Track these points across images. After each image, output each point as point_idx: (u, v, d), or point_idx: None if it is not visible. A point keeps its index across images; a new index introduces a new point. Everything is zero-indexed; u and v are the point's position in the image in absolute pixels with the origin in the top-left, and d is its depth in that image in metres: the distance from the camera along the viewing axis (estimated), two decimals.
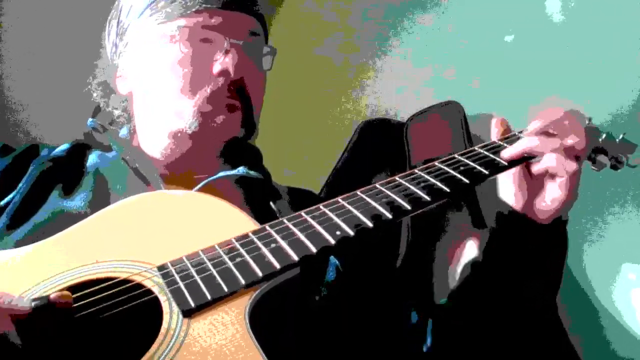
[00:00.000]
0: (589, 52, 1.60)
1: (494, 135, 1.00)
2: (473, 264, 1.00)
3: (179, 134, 1.05)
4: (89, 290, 0.73)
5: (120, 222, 0.87)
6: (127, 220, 0.87)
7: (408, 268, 1.45)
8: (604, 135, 1.05)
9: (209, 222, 0.85)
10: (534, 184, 0.95)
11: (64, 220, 0.92)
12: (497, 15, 1.81)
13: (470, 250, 1.16)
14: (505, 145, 0.96)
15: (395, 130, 1.81)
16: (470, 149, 0.97)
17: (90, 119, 1.14)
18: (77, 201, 0.99)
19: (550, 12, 1.71)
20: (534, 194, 0.94)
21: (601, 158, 1.06)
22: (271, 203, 1.03)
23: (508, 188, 0.98)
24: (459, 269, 1.03)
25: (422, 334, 1.01)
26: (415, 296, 1.11)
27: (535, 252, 0.95)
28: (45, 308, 0.68)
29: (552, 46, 1.68)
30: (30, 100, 1.75)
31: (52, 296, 0.69)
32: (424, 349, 1.00)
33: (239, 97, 1.05)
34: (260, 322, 0.70)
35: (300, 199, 1.12)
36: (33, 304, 0.67)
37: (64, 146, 1.12)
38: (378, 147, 1.80)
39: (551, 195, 0.92)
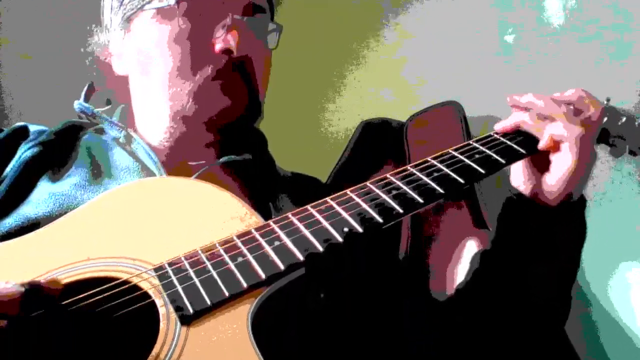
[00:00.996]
0: (591, 49, 1.56)
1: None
2: (481, 256, 0.96)
3: (179, 116, 0.99)
4: (82, 295, 0.68)
5: (114, 212, 0.82)
6: (122, 211, 0.82)
7: (409, 266, 1.42)
8: (623, 119, 1.00)
9: (209, 213, 0.80)
10: (542, 166, 0.90)
11: (54, 206, 0.88)
12: (497, 14, 1.76)
13: (470, 250, 1.13)
14: (501, 139, 0.91)
15: (395, 130, 1.78)
16: (486, 134, 0.92)
17: (77, 102, 1.07)
18: (67, 185, 0.93)
19: (550, 12, 1.66)
20: (542, 175, 0.90)
21: (619, 143, 1.01)
22: (270, 204, 0.98)
23: (518, 173, 0.93)
24: (460, 269, 0.99)
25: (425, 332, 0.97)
26: (415, 294, 1.07)
27: (544, 235, 0.90)
28: (35, 293, 0.63)
29: (553, 45, 1.63)
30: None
31: (42, 281, 0.65)
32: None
33: (242, 76, 0.98)
34: (263, 327, 0.66)
35: (305, 186, 1.07)
36: (23, 288, 0.62)
37: (56, 126, 1.06)
38: (378, 147, 1.77)
39: (558, 172, 0.87)
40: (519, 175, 0.93)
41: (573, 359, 1.28)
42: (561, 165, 0.86)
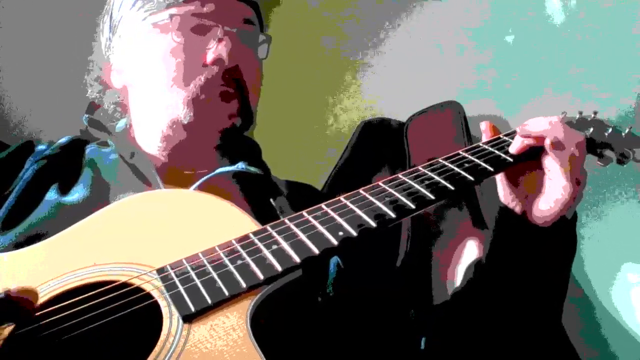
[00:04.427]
0: (591, 49, 1.58)
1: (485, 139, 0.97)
2: (475, 267, 0.98)
3: (174, 125, 1.03)
4: (87, 294, 0.72)
5: (118, 222, 0.85)
6: (126, 221, 0.85)
7: (408, 268, 1.43)
8: (610, 129, 1.03)
9: (208, 222, 0.84)
10: (527, 185, 0.91)
11: (61, 217, 0.91)
12: (497, 14, 1.79)
13: (471, 250, 1.14)
14: (509, 140, 0.94)
15: (395, 130, 1.80)
16: (474, 145, 0.95)
17: (85, 115, 1.13)
18: (74, 197, 0.97)
19: (550, 11, 1.69)
20: (529, 195, 0.91)
21: (607, 152, 1.04)
22: (271, 200, 1.02)
23: (503, 189, 0.95)
24: (460, 269, 1.00)
25: (420, 332, 0.99)
26: (415, 296, 1.09)
27: (536, 255, 0.91)
28: (3, 302, 0.66)
29: (553, 45, 1.66)
30: (25, 96, 1.73)
31: (12, 289, 0.67)
32: (421, 346, 0.98)
33: (234, 86, 1.03)
34: (262, 326, 0.69)
35: (300, 193, 1.11)
36: None
37: (60, 141, 1.10)
38: (378, 147, 1.79)
39: (551, 196, 0.88)
40: (506, 192, 0.94)
41: (573, 359, 1.29)
42: (555, 190, 0.87)
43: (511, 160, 0.90)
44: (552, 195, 0.88)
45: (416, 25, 1.99)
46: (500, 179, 0.94)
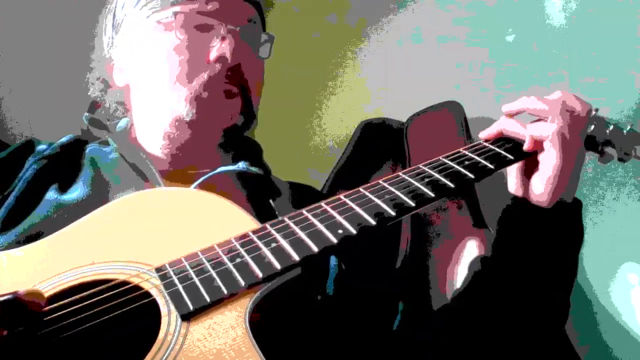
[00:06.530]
0: (591, 48, 1.57)
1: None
2: (482, 260, 0.97)
3: (177, 122, 1.03)
4: (85, 293, 0.71)
5: (117, 221, 0.85)
6: (125, 219, 0.85)
7: (408, 268, 1.43)
8: (611, 127, 1.03)
9: (208, 220, 0.83)
10: (532, 169, 0.91)
11: (61, 217, 0.91)
12: (498, 13, 1.79)
13: (471, 250, 1.13)
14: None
15: (395, 130, 1.80)
16: (475, 143, 0.95)
17: (85, 114, 1.13)
18: (74, 196, 0.97)
19: (550, 10, 1.69)
20: (532, 178, 0.91)
21: (608, 150, 1.04)
22: (271, 201, 1.01)
23: (511, 179, 0.95)
24: (460, 269, 1.00)
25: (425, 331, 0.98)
26: (414, 296, 1.09)
27: (540, 238, 0.91)
28: (12, 304, 0.64)
29: (554, 43, 1.65)
30: (26, 96, 1.73)
31: (20, 292, 0.65)
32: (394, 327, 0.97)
33: (236, 84, 1.04)
34: (261, 324, 0.68)
35: (301, 194, 1.10)
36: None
37: (61, 141, 1.10)
38: (378, 147, 1.79)
39: (545, 172, 0.88)
40: (513, 182, 0.95)
41: (573, 359, 1.28)
42: (546, 164, 0.88)
43: (512, 157, 0.90)
44: (545, 171, 0.88)
45: (416, 24, 1.99)
46: (513, 170, 0.94)
